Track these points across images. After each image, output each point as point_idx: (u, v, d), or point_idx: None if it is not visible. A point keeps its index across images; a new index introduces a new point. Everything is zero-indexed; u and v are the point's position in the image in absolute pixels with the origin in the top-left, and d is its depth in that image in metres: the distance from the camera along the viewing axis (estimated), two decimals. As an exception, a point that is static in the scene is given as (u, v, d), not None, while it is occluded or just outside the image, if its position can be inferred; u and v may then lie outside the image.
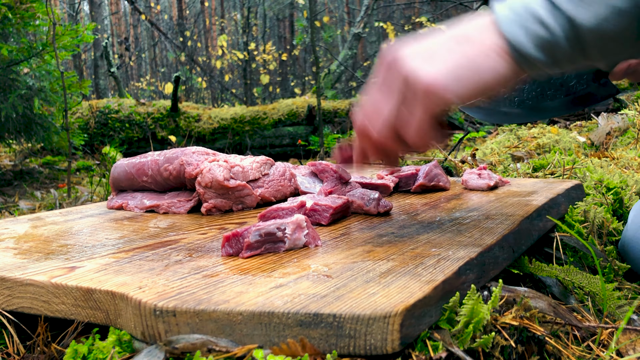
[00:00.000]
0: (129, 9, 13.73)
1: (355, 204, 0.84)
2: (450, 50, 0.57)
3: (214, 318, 0.47)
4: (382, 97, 0.61)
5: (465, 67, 0.57)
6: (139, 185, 1.01)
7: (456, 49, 0.57)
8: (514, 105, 0.86)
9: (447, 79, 0.56)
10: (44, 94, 2.84)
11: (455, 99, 0.57)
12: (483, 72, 0.57)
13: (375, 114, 0.62)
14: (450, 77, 0.56)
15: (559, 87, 0.85)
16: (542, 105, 0.86)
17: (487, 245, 0.62)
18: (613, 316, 0.66)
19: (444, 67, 0.57)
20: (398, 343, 0.44)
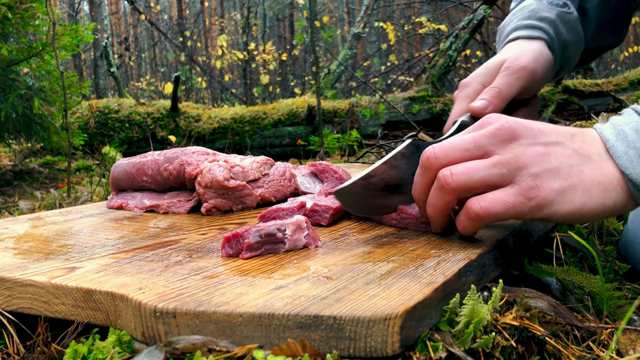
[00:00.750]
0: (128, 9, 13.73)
1: None
2: (571, 164, 0.57)
3: (214, 319, 0.47)
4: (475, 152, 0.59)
5: (579, 190, 0.56)
6: (138, 185, 1.01)
7: (576, 166, 0.57)
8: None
9: (556, 196, 0.56)
10: (44, 94, 2.84)
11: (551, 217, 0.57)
12: (593, 201, 0.57)
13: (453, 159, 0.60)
14: (560, 195, 0.56)
15: None
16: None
17: (487, 247, 0.62)
18: (613, 316, 0.66)
19: (558, 184, 0.56)
20: (398, 345, 0.44)
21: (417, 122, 4.44)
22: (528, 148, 0.57)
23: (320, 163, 0.98)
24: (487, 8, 4.80)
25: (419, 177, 0.63)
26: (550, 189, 0.56)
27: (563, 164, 0.57)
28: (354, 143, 3.61)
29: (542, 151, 0.57)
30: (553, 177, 0.56)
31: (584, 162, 0.57)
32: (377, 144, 1.99)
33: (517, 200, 0.56)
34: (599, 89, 4.55)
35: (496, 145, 0.58)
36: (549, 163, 0.57)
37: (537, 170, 0.56)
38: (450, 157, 0.60)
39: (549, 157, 0.57)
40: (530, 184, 0.56)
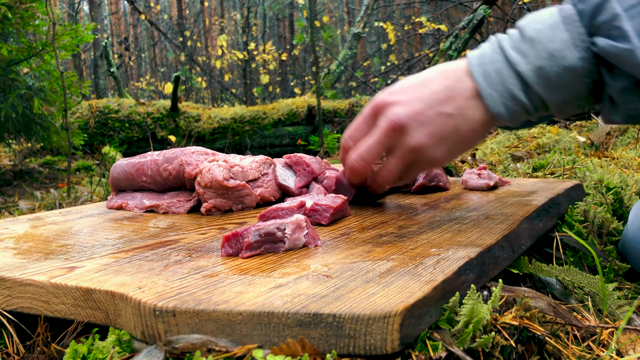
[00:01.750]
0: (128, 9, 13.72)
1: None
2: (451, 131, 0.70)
3: (213, 318, 0.47)
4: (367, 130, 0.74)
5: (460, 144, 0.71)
6: (138, 185, 1.01)
7: (454, 130, 0.70)
8: None
9: (447, 157, 0.72)
10: (44, 93, 2.84)
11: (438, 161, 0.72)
12: (472, 144, 0.72)
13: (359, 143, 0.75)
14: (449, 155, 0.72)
15: None
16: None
17: (487, 245, 0.62)
18: (613, 316, 0.66)
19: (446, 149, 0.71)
20: (398, 343, 0.44)
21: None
22: (418, 135, 0.70)
23: (295, 155, 0.98)
24: (487, 8, 4.80)
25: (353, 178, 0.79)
26: (443, 156, 0.71)
27: (446, 133, 0.70)
28: (353, 143, 3.61)
29: (428, 132, 0.70)
30: (442, 147, 0.71)
31: (461, 121, 0.70)
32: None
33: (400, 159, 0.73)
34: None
35: (395, 140, 0.72)
36: (436, 138, 0.70)
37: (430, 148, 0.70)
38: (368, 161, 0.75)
39: (435, 133, 0.70)
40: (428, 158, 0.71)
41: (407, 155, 0.72)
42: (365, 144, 0.74)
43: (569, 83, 0.64)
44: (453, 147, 0.71)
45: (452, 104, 0.70)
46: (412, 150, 0.71)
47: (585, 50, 0.62)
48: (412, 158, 0.72)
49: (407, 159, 0.72)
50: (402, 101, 0.71)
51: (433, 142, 0.70)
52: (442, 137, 0.70)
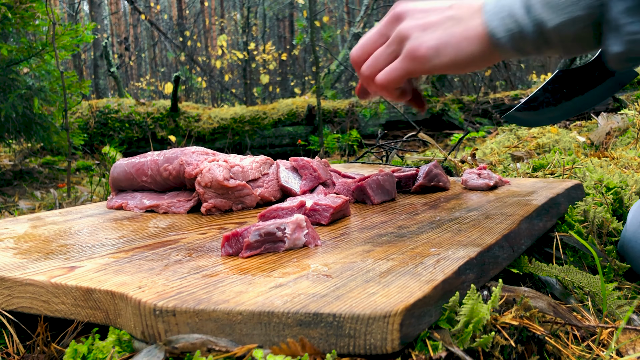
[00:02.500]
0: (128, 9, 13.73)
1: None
2: (444, 27, 0.70)
3: (213, 318, 0.47)
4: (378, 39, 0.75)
5: (450, 46, 0.69)
6: (138, 185, 1.01)
7: (448, 27, 0.70)
8: (554, 106, 0.98)
9: (430, 51, 0.69)
10: (44, 93, 2.83)
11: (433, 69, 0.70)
12: (462, 52, 0.69)
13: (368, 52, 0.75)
14: (434, 50, 0.69)
15: (586, 80, 0.97)
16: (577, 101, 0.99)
17: (486, 245, 0.62)
18: (613, 316, 0.66)
19: (432, 41, 0.69)
20: (398, 343, 0.44)
21: (417, 122, 4.44)
22: (410, 22, 0.71)
23: (302, 159, 0.98)
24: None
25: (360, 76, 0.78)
26: (427, 47, 0.69)
27: (438, 29, 0.70)
28: (353, 143, 3.61)
29: (420, 22, 0.70)
30: (429, 39, 0.69)
31: (456, 24, 0.70)
32: (377, 143, 1.99)
33: (404, 64, 0.71)
34: (599, 89, 4.54)
35: (390, 28, 0.73)
36: (425, 31, 0.70)
37: (416, 36, 0.70)
38: (366, 50, 0.75)
39: (426, 26, 0.70)
40: (411, 47, 0.70)
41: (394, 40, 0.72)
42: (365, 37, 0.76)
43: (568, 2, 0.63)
44: (441, 45, 0.69)
45: (456, 10, 0.70)
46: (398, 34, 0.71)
47: None
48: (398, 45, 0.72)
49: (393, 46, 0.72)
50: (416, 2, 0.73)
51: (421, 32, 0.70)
52: (433, 32, 0.70)
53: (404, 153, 2.09)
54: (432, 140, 1.82)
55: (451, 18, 0.71)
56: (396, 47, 0.72)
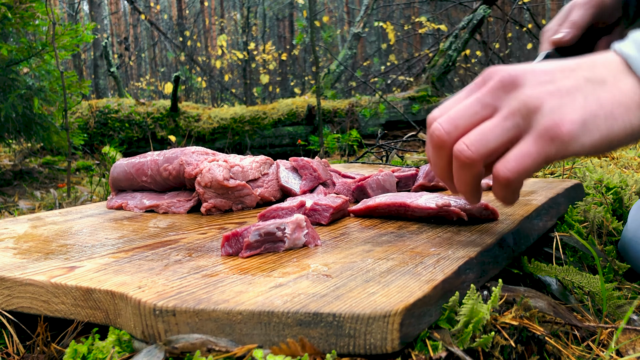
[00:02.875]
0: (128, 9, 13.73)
1: None
2: (585, 94, 0.52)
3: (213, 317, 0.47)
4: (480, 111, 0.55)
5: (600, 117, 0.52)
6: (138, 185, 1.01)
7: (591, 94, 0.52)
8: None
9: (576, 127, 0.51)
10: (44, 93, 2.83)
11: (580, 151, 0.52)
12: (618, 125, 0.52)
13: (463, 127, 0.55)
14: (580, 125, 0.51)
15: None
16: None
17: (486, 245, 0.62)
18: (613, 316, 0.66)
19: (577, 114, 0.51)
20: (398, 342, 0.44)
21: (417, 122, 4.44)
22: (535, 89, 0.53)
23: (302, 159, 0.98)
24: (486, 8, 4.80)
25: (436, 158, 0.59)
26: (571, 122, 0.51)
27: (576, 95, 0.52)
28: (353, 143, 3.61)
29: (551, 88, 0.53)
30: (570, 110, 0.52)
31: (599, 88, 0.53)
32: (376, 143, 1.99)
33: (541, 147, 0.52)
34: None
35: (502, 98, 0.54)
36: (561, 98, 0.52)
37: (551, 107, 0.52)
38: (460, 126, 0.55)
39: (560, 92, 0.53)
40: (548, 123, 0.51)
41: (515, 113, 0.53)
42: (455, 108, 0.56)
43: None
44: (590, 118, 0.51)
45: (591, 70, 0.54)
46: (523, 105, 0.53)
47: None
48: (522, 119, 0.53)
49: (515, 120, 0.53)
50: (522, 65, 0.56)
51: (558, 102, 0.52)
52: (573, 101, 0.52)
53: (404, 153, 2.09)
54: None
55: (590, 80, 0.53)
56: (521, 123, 0.53)
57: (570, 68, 0.55)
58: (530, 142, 0.52)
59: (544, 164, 0.53)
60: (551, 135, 0.51)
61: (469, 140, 0.54)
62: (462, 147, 0.54)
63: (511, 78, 0.54)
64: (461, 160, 0.55)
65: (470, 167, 0.55)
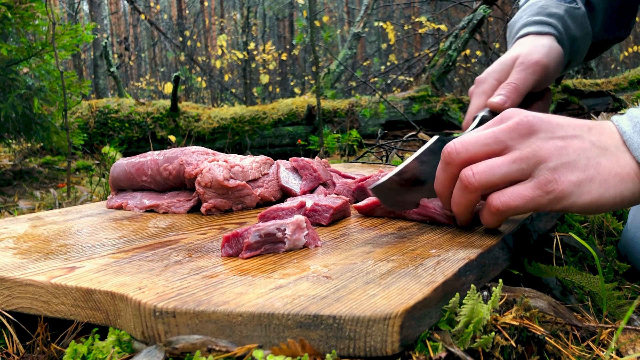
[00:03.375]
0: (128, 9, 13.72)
1: None
2: (588, 157, 0.58)
3: (213, 319, 0.47)
4: (494, 145, 0.60)
5: (595, 182, 0.57)
6: (138, 185, 1.01)
7: (593, 159, 0.58)
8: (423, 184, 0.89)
9: (571, 187, 0.57)
10: (44, 93, 2.83)
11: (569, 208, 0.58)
12: (609, 192, 0.58)
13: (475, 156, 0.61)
14: (576, 186, 0.57)
15: None
16: None
17: (487, 246, 0.62)
18: (613, 316, 0.66)
19: (575, 177, 0.57)
20: (398, 345, 0.44)
21: (417, 122, 4.44)
22: (546, 142, 0.58)
23: (302, 159, 0.98)
24: (486, 8, 4.80)
25: (441, 172, 0.64)
26: (568, 182, 0.57)
27: (580, 156, 0.58)
28: (353, 143, 3.61)
29: (560, 145, 0.58)
30: (570, 170, 0.57)
31: (601, 154, 0.58)
32: (376, 143, 1.99)
33: (535, 194, 0.58)
34: (599, 89, 4.55)
35: (515, 140, 0.59)
36: (567, 156, 0.58)
37: (555, 163, 0.57)
38: (471, 152, 0.61)
39: (567, 150, 0.58)
40: (549, 177, 0.57)
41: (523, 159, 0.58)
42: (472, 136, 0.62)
43: None
44: (586, 181, 0.57)
45: (598, 136, 0.59)
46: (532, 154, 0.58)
47: None
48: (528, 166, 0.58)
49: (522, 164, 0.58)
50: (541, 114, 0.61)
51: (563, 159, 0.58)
52: (576, 161, 0.58)
53: (404, 153, 2.09)
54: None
55: (595, 145, 0.59)
56: (526, 168, 0.58)
57: (581, 128, 0.60)
58: (528, 187, 0.58)
59: (533, 209, 0.59)
60: (548, 189, 0.57)
61: (477, 169, 0.60)
62: (469, 173, 0.60)
63: (529, 124, 0.59)
64: (464, 184, 0.61)
65: (470, 192, 0.61)
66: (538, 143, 0.58)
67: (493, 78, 0.90)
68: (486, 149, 0.60)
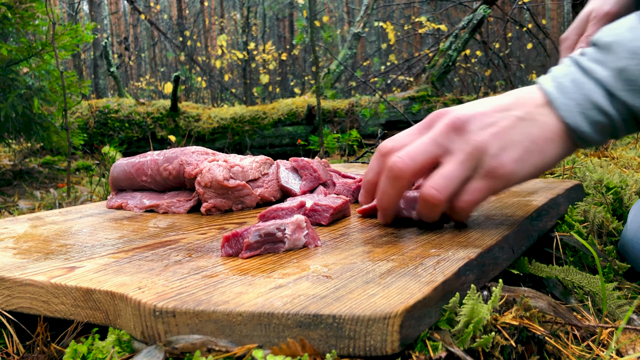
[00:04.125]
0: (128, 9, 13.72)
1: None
2: (520, 132, 0.63)
3: (213, 319, 0.47)
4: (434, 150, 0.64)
5: (533, 152, 0.63)
6: (138, 185, 1.01)
7: (524, 132, 0.63)
8: None
9: (517, 165, 0.63)
10: (44, 93, 2.83)
11: (520, 181, 0.64)
12: (547, 156, 0.63)
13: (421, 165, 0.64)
14: (519, 163, 0.63)
15: None
16: None
17: (487, 246, 0.62)
18: (613, 316, 0.66)
19: (515, 153, 0.62)
20: (398, 344, 0.44)
21: (417, 122, 4.43)
22: (481, 133, 0.63)
23: (302, 159, 0.98)
24: (486, 8, 4.80)
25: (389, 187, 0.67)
26: (511, 161, 0.62)
27: (514, 135, 0.63)
28: (353, 143, 3.61)
29: (493, 131, 0.63)
30: (509, 150, 0.63)
31: (530, 125, 0.63)
32: (376, 143, 1.99)
33: (489, 184, 0.63)
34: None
35: (454, 140, 0.63)
36: (502, 139, 0.63)
37: (495, 150, 0.62)
38: (418, 162, 0.64)
39: (500, 134, 0.63)
40: (494, 164, 0.62)
41: (469, 157, 0.62)
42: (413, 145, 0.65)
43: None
44: (525, 154, 0.63)
45: (521, 108, 0.64)
46: (474, 149, 0.62)
47: None
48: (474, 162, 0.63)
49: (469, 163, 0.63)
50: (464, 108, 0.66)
51: (500, 143, 0.62)
52: (511, 140, 0.62)
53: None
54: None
55: (522, 119, 0.63)
56: (474, 164, 0.63)
57: (505, 107, 0.65)
58: (480, 181, 0.63)
59: (492, 195, 0.65)
60: (497, 175, 0.63)
61: (436, 184, 0.63)
62: (432, 191, 0.63)
63: (460, 122, 0.63)
64: (430, 202, 0.64)
65: (437, 207, 0.65)
66: (474, 137, 0.63)
67: (573, 34, 0.95)
68: (431, 156, 0.64)
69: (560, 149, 0.64)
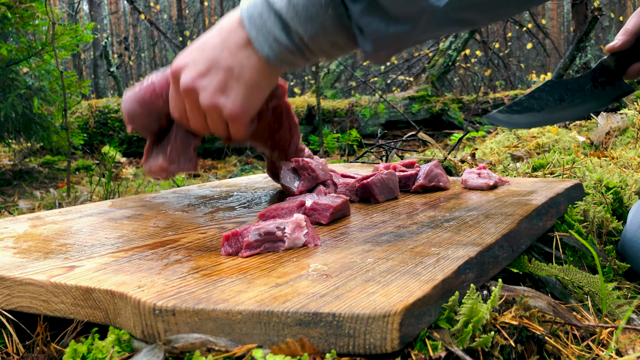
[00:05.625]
0: (128, 9, 13.72)
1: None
2: (231, 69, 0.73)
3: (213, 317, 0.47)
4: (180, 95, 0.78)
5: (253, 92, 0.75)
6: (155, 113, 0.91)
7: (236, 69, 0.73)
8: (537, 112, 1.01)
9: (244, 109, 0.75)
10: (44, 93, 2.83)
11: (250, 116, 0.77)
12: (263, 89, 0.76)
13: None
14: (245, 106, 0.75)
15: (575, 92, 1.01)
16: (562, 109, 1.02)
17: (486, 245, 0.62)
18: (612, 315, 0.66)
19: (239, 101, 0.74)
20: (397, 342, 0.44)
21: (417, 122, 4.44)
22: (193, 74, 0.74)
23: (303, 159, 0.98)
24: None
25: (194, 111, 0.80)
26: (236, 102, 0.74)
27: (225, 71, 0.73)
28: (353, 143, 3.61)
29: (203, 70, 0.74)
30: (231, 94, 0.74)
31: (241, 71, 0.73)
32: (376, 143, 1.99)
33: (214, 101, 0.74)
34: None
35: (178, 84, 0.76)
36: (215, 78, 0.74)
37: (210, 88, 0.74)
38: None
39: (210, 73, 0.74)
40: (212, 102, 0.74)
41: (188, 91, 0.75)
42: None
43: (315, 14, 0.66)
44: (245, 92, 0.74)
45: (230, 57, 0.73)
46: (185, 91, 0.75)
47: None
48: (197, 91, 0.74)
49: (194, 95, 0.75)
50: (189, 64, 0.75)
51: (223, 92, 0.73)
52: (229, 87, 0.73)
53: (403, 153, 2.09)
54: (432, 139, 1.82)
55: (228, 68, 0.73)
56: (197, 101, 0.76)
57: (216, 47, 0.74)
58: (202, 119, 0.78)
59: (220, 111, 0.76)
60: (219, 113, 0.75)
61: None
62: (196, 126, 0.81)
63: (175, 68, 0.77)
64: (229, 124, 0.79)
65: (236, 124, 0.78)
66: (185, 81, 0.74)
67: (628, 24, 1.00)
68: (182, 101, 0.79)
69: (265, 75, 0.74)
